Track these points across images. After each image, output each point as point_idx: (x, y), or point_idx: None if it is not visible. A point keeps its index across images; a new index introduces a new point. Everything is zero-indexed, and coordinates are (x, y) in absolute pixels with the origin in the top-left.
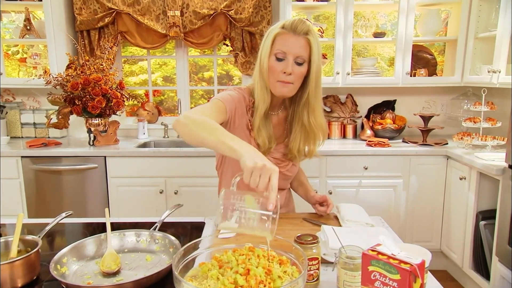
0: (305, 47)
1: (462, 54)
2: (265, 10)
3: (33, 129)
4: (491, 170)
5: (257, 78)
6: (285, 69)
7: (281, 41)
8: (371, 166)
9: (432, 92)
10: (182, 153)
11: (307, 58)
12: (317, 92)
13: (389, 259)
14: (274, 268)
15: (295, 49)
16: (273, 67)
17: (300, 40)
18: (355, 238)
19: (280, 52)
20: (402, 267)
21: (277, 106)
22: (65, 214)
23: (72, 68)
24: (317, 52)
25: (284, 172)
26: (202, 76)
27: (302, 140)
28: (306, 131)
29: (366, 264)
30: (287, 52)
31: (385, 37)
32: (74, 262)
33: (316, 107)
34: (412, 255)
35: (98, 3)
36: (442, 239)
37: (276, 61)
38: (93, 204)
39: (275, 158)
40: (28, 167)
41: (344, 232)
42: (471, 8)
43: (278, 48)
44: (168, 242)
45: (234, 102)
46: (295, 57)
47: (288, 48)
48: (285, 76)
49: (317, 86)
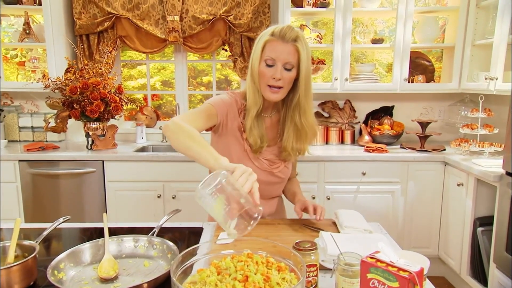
0: (293, 53)
1: (459, 61)
2: (264, 16)
3: (31, 133)
4: (489, 177)
5: (249, 81)
6: (274, 74)
7: (271, 48)
8: (369, 172)
9: (430, 98)
10: (180, 157)
11: (296, 64)
12: (308, 94)
13: (387, 266)
14: (272, 275)
15: (283, 55)
16: (263, 72)
17: (289, 47)
18: (353, 244)
19: (270, 58)
20: (401, 274)
21: (269, 108)
22: (62, 219)
23: (71, 72)
24: (306, 58)
25: (276, 174)
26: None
27: (295, 139)
28: (298, 131)
29: (365, 271)
30: (276, 59)
31: (383, 43)
32: (72, 268)
33: (307, 108)
34: (411, 262)
35: (98, 7)
36: (440, 245)
37: (266, 67)
38: (90, 208)
39: (267, 159)
40: (25, 171)
41: (342, 239)
42: (468, 16)
43: (268, 54)
44: (166, 247)
45: (225, 105)
46: (284, 63)
47: (277, 55)
48: (275, 81)
49: (307, 89)
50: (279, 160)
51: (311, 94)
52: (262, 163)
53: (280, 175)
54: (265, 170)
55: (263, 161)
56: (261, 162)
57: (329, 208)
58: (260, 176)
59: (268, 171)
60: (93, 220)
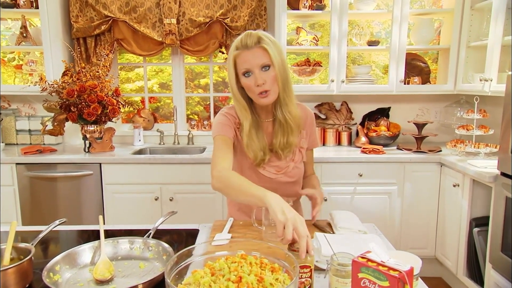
0: (262, 54)
1: (454, 62)
2: (260, 19)
3: (28, 136)
4: (484, 177)
5: (234, 101)
6: (256, 82)
7: (241, 61)
8: (365, 173)
9: (426, 99)
10: (178, 160)
11: (270, 62)
12: (286, 87)
13: (378, 266)
14: (266, 276)
15: (254, 61)
16: (246, 84)
17: (255, 51)
18: (347, 245)
19: (245, 69)
20: (391, 274)
21: (269, 112)
22: (58, 221)
23: (68, 75)
24: (276, 53)
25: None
26: (198, 83)
27: (281, 134)
28: (283, 126)
29: (356, 271)
30: (250, 67)
31: (379, 45)
32: (67, 270)
33: (288, 101)
34: (401, 262)
35: (95, 10)
36: (437, 246)
37: (246, 78)
38: (88, 211)
39: (274, 166)
40: (22, 174)
41: (336, 239)
42: (463, 18)
43: (241, 67)
44: (162, 249)
45: (229, 126)
46: (258, 67)
47: (249, 64)
48: (260, 88)
49: (285, 82)
50: (286, 163)
51: (291, 87)
52: (269, 171)
53: (289, 179)
54: (272, 178)
55: (270, 169)
56: (268, 171)
57: (326, 210)
58: (270, 183)
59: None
60: (90, 223)
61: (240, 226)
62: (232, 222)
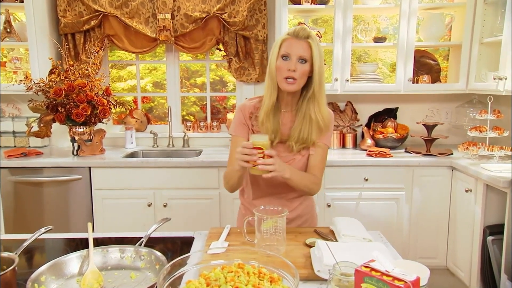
0: (306, 48)
1: (466, 60)
2: (260, 14)
3: (12, 138)
4: (498, 182)
5: (267, 79)
6: (289, 66)
7: (286, 45)
8: (372, 177)
9: (436, 99)
10: (172, 163)
11: (309, 58)
12: (321, 88)
13: (382, 275)
14: (264, 286)
15: (297, 50)
16: (279, 66)
17: (302, 43)
18: (351, 254)
19: (285, 53)
20: (396, 284)
21: (289, 104)
22: (44, 229)
23: (55, 73)
24: (318, 53)
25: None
26: (195, 82)
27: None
28: (311, 122)
29: (359, 281)
30: (291, 53)
31: (386, 41)
32: (53, 281)
33: (321, 101)
34: (407, 271)
35: (84, 5)
36: (448, 255)
37: (282, 61)
38: (76, 218)
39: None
40: (6, 179)
41: (339, 248)
42: (475, 12)
43: (284, 50)
44: (154, 258)
45: (243, 123)
46: (298, 56)
47: (291, 50)
48: (290, 73)
49: (321, 83)
50: (292, 156)
51: (324, 89)
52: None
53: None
54: None
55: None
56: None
57: (330, 216)
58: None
59: None
60: (79, 231)
61: (238, 233)
62: (229, 229)
